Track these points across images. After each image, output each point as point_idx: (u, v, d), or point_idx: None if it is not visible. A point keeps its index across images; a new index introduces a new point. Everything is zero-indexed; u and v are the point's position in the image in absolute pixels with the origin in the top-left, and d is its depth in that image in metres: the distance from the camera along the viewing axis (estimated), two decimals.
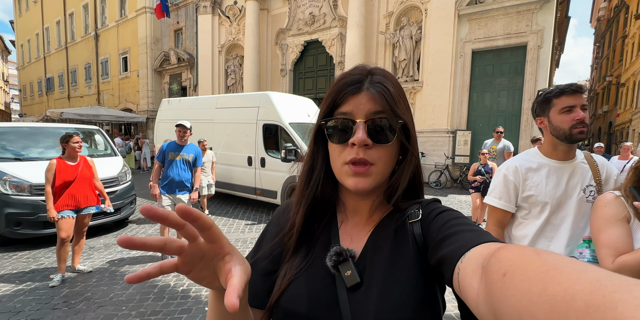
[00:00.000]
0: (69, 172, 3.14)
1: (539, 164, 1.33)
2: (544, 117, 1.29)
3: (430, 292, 0.51)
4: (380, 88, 0.54)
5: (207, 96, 7.51)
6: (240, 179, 6.04)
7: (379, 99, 0.53)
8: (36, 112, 25.42)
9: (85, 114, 13.96)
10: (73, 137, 3.17)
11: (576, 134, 1.21)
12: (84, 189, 3.23)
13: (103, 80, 19.57)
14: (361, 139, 0.52)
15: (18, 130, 4.81)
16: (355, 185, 0.53)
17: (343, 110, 0.55)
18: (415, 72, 9.72)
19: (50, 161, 3.12)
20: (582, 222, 1.31)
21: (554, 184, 1.28)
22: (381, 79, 0.55)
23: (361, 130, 0.52)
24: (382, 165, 0.54)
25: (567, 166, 1.30)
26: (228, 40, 13.82)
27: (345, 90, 0.55)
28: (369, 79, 0.55)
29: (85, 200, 3.23)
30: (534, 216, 1.32)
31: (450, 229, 0.48)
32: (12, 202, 3.82)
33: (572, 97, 1.21)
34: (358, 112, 0.54)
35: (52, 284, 2.98)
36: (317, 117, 0.59)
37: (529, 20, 8.01)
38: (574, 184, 1.28)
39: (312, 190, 0.60)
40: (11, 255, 3.72)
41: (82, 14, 20.48)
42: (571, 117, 1.20)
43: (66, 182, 3.13)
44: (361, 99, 0.54)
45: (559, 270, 0.24)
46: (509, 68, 8.56)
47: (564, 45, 15.08)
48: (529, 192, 1.32)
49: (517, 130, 8.45)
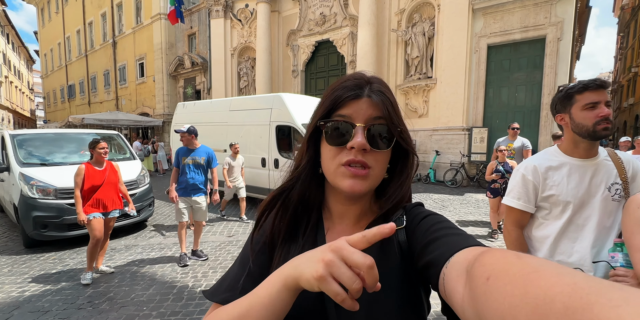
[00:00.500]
0: (97, 176, 3.26)
1: (560, 162, 1.28)
2: (565, 113, 1.24)
3: (416, 298, 0.52)
4: (381, 96, 0.55)
5: (221, 99, 7.61)
6: (254, 180, 6.09)
7: (379, 106, 0.54)
8: (59, 118, 26.53)
9: (105, 119, 14.44)
10: (100, 143, 3.28)
11: (600, 130, 1.15)
12: (110, 193, 3.35)
13: (121, 86, 20.20)
14: (360, 143, 0.52)
15: (43, 136, 5.02)
16: (352, 187, 0.53)
17: (343, 113, 0.55)
18: (428, 69, 9.55)
19: (79, 166, 3.23)
20: (609, 222, 1.25)
21: (576, 183, 1.23)
22: (380, 87, 0.57)
23: (360, 135, 0.53)
24: (379, 170, 0.55)
25: (590, 164, 1.24)
26: (240, 43, 14.00)
27: (346, 95, 0.55)
28: (369, 86, 0.56)
29: (112, 203, 3.35)
30: (556, 216, 1.28)
31: (435, 233, 0.49)
32: (39, 205, 3.98)
33: (595, 93, 1.15)
34: (358, 117, 0.54)
35: (85, 282, 3.12)
36: (313, 117, 0.59)
37: (547, 12, 7.73)
38: (597, 182, 1.23)
39: (295, 185, 0.60)
40: (39, 257, 3.88)
41: (100, 22, 21.21)
42: (595, 113, 1.15)
43: (94, 187, 3.24)
44: (362, 104, 0.55)
45: (540, 273, 0.25)
46: (526, 62, 8.29)
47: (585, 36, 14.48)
48: (550, 191, 1.27)
49: (536, 126, 8.17)
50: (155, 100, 17.32)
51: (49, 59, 30.32)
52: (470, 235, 0.47)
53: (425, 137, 9.61)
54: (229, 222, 5.40)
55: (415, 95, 9.79)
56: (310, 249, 0.56)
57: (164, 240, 4.50)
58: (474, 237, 0.45)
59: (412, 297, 0.52)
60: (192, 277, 3.28)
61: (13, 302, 2.82)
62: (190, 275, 3.33)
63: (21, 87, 39.54)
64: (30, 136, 4.89)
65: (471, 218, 5.50)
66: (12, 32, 36.18)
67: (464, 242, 0.43)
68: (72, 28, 24.56)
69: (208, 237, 4.60)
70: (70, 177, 4.29)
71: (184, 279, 3.25)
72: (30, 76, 45.78)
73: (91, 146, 3.29)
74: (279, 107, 5.66)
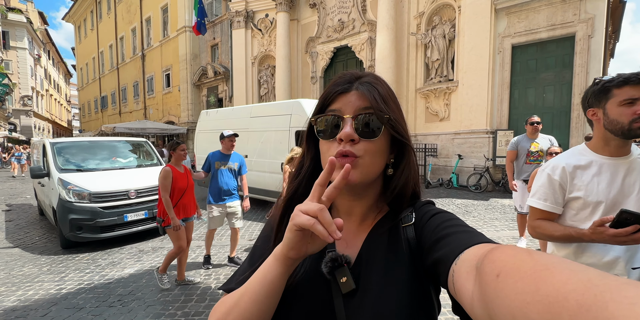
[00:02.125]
0: (181, 180, 3.11)
1: (588, 161, 1.20)
2: (599, 108, 1.16)
3: (425, 296, 0.51)
4: (369, 87, 0.55)
5: (242, 106, 7.83)
6: (275, 185, 6.17)
7: (367, 96, 0.55)
8: (93, 127, 28.22)
9: (134, 127, 15.20)
10: (180, 144, 3.13)
11: (636, 129, 1.08)
12: (192, 197, 3.23)
13: (149, 96, 21.24)
14: (347, 133, 0.52)
15: (79, 144, 5.36)
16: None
17: (333, 107, 0.57)
18: (449, 71, 9.37)
19: (164, 168, 3.00)
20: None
21: (607, 183, 1.16)
22: (370, 79, 0.57)
23: (348, 125, 0.53)
24: (369, 158, 0.54)
25: (622, 162, 1.17)
26: (260, 51, 14.37)
27: (335, 90, 0.57)
28: (358, 80, 0.57)
29: (192, 208, 3.25)
30: (585, 218, 1.20)
31: (444, 230, 0.48)
32: (75, 208, 4.24)
33: (636, 88, 1.07)
34: (346, 109, 0.55)
35: (165, 287, 3.07)
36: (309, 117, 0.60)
37: (576, 8, 7.41)
38: (631, 182, 1.15)
39: (299, 188, 0.60)
40: (74, 257, 4.11)
41: (130, 37, 22.52)
42: (633, 110, 1.07)
43: (180, 190, 3.08)
44: (350, 97, 0.56)
45: (551, 270, 0.25)
46: (554, 61, 7.94)
47: (619, 32, 13.70)
48: (578, 192, 1.20)
49: (567, 128, 7.77)
50: (180, 108, 18.04)
51: (85, 73, 32.49)
52: (480, 232, 0.46)
53: (447, 141, 9.38)
54: (250, 226, 5.49)
55: (436, 99, 9.62)
56: None
57: None
58: (483, 234, 0.45)
59: (421, 294, 0.51)
60: (214, 279, 3.35)
61: (51, 298, 3.00)
62: (213, 277, 3.40)
63: (60, 100, 42.47)
64: (67, 144, 5.24)
65: (497, 224, 5.28)
66: (52, 49, 39.13)
67: (473, 239, 0.43)
68: (105, 43, 26.23)
69: (230, 241, 4.69)
70: (103, 182, 4.55)
71: (207, 280, 3.33)
72: (68, 89, 49.12)
73: (171, 148, 3.12)
74: (298, 112, 5.74)
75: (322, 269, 0.54)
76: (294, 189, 0.60)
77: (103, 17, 26.07)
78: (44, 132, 32.79)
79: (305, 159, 0.62)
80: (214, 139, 7.66)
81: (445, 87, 9.25)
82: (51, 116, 36.58)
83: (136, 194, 4.64)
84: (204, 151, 7.92)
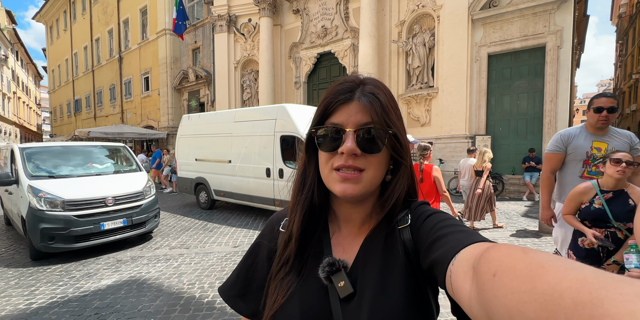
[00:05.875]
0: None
1: None
2: None
3: (423, 298, 0.51)
4: (371, 98, 0.54)
5: (226, 111, 7.71)
6: (259, 190, 6.10)
7: (369, 109, 0.53)
8: (65, 132, 26.92)
9: (111, 132, 14.64)
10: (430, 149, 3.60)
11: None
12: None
13: (126, 100, 20.56)
14: (350, 148, 0.52)
15: (51, 149, 5.08)
16: (344, 191, 0.53)
17: (334, 119, 0.55)
18: (430, 78, 9.67)
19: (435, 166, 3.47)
20: None
21: None
22: (373, 88, 0.55)
23: (350, 140, 0.52)
24: (372, 172, 0.54)
25: None
26: (243, 56, 14.29)
27: (336, 99, 0.55)
28: (360, 89, 0.55)
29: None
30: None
31: (440, 231, 0.48)
32: (47, 217, 4.00)
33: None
34: (348, 122, 0.54)
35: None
36: (309, 125, 0.60)
37: (546, 20, 7.87)
38: None
39: (307, 197, 0.59)
40: (45, 269, 3.87)
41: (107, 38, 21.80)
42: None
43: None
44: (352, 108, 0.54)
45: (546, 268, 0.25)
46: (527, 70, 8.38)
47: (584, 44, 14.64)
48: None
49: (539, 133, 8.19)
50: (160, 113, 17.56)
51: (57, 75, 31.07)
52: (476, 231, 0.46)
53: None
54: (234, 233, 5.38)
55: (417, 105, 9.87)
56: (316, 252, 0.59)
57: (169, 251, 4.48)
58: (479, 233, 0.45)
59: (418, 296, 0.51)
60: (199, 288, 3.24)
61: (20, 314, 2.79)
62: (197, 286, 3.29)
63: (28, 102, 40.33)
64: (39, 149, 4.96)
65: (477, 226, 5.44)
66: (21, 50, 37.25)
67: (469, 238, 0.43)
68: (79, 44, 25.25)
69: (213, 248, 4.58)
70: (77, 189, 4.34)
71: (191, 290, 3.21)
72: (38, 92, 46.76)
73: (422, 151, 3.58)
74: (283, 117, 5.72)
75: (319, 274, 0.53)
76: (308, 200, 0.59)
77: (77, 18, 25.13)
78: (11, 137, 30.98)
79: (308, 169, 0.61)
80: (196, 144, 7.52)
81: (426, 94, 9.52)
82: (19, 120, 34.62)
83: (114, 201, 4.44)
84: (186, 156, 7.75)
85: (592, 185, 1.80)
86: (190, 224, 6.05)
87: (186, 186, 7.83)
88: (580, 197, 1.85)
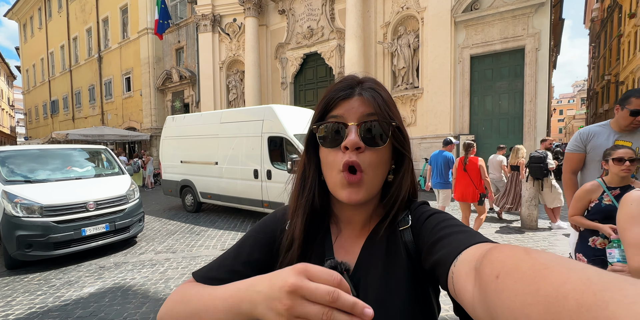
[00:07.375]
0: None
1: None
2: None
3: (425, 298, 0.52)
4: (372, 92, 0.54)
5: (212, 112, 7.59)
6: (247, 192, 6.03)
7: (371, 103, 0.53)
8: (41, 134, 25.80)
9: (90, 134, 14.14)
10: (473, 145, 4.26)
11: None
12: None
13: (107, 101, 19.91)
14: (354, 141, 0.51)
15: (26, 152, 4.86)
16: (349, 197, 0.52)
17: (335, 113, 0.55)
18: (414, 79, 9.82)
19: (479, 158, 4.14)
20: None
21: None
22: (372, 85, 0.56)
23: (353, 133, 0.52)
24: (372, 173, 0.53)
25: None
26: (228, 56, 14.10)
27: (337, 95, 0.55)
28: (360, 86, 0.56)
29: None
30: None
31: (441, 231, 0.48)
32: (23, 224, 3.82)
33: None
34: (350, 116, 0.53)
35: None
36: (309, 123, 0.59)
37: (525, 24, 8.13)
38: None
39: (307, 200, 0.58)
40: (22, 278, 3.69)
41: (85, 37, 21.06)
42: None
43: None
44: (353, 103, 0.54)
45: (550, 269, 0.25)
46: (508, 71, 8.63)
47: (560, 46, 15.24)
48: None
49: (520, 132, 8.45)
50: (143, 114, 17.10)
51: (31, 75, 29.72)
52: (478, 232, 0.46)
53: (414, 146, 9.76)
54: (222, 236, 5.29)
55: (402, 105, 10.00)
56: (318, 255, 0.58)
57: (155, 256, 4.37)
58: (481, 234, 0.45)
59: (420, 297, 0.51)
60: None
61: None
62: None
63: (1, 104, 38.49)
64: (13, 153, 4.73)
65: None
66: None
67: (471, 239, 0.42)
68: (55, 43, 24.27)
69: (201, 251, 4.49)
70: (56, 194, 4.17)
71: None
72: (11, 92, 44.69)
73: (467, 148, 4.30)
74: (270, 118, 5.68)
75: None
76: (309, 203, 0.58)
77: (53, 16, 24.15)
78: None
79: (308, 168, 0.60)
80: (181, 146, 7.36)
81: (411, 94, 9.66)
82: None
83: (95, 205, 4.29)
84: (171, 158, 7.58)
85: (598, 183, 1.79)
86: (176, 228, 5.91)
87: (171, 189, 7.66)
88: (588, 195, 1.81)
